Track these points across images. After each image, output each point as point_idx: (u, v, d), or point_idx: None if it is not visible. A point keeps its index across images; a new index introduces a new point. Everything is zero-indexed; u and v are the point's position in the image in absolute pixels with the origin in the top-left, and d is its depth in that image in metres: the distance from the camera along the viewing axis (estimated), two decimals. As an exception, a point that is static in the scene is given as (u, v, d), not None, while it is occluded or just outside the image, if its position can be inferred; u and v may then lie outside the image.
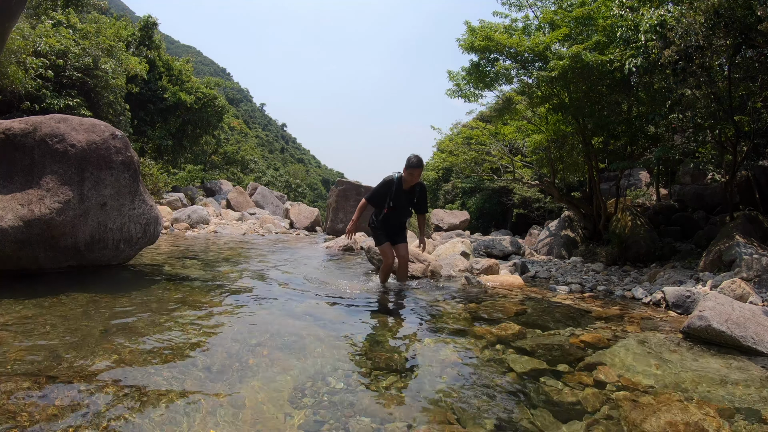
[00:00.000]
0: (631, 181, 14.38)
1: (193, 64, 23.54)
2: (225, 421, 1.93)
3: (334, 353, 2.88)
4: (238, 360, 2.60)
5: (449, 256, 7.63)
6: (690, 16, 5.88)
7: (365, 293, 4.83)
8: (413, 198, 4.93)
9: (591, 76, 7.87)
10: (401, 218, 5.02)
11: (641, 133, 8.67)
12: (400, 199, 4.84)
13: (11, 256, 4.20)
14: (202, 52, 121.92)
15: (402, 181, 4.80)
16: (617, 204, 9.65)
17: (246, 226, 13.50)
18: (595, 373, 2.83)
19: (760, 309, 3.92)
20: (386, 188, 4.83)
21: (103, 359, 2.48)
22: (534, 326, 3.89)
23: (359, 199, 13.62)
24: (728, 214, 7.59)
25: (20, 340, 2.69)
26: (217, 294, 4.30)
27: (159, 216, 5.48)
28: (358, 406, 2.15)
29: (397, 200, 4.84)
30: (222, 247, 8.53)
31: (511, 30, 9.69)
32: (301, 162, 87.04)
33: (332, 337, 3.17)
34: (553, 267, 8.28)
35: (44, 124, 4.52)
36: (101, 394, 2.07)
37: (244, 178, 31.56)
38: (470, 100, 10.56)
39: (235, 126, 45.18)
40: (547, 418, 2.19)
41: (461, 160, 13.41)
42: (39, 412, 1.89)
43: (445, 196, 26.18)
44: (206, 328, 3.18)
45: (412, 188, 4.87)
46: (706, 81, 6.47)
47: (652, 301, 5.19)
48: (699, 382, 2.77)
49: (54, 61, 11.27)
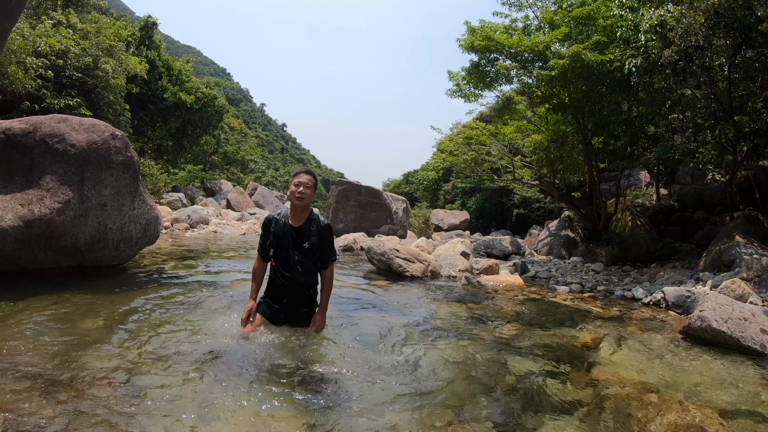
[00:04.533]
0: (631, 181, 14.39)
1: (193, 64, 23.54)
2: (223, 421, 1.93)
3: (331, 352, 2.88)
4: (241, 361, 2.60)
5: (449, 256, 7.63)
6: (690, 16, 5.88)
7: (364, 293, 4.83)
8: (304, 242, 2.96)
9: (591, 76, 7.87)
10: (294, 276, 2.97)
11: (641, 133, 8.66)
12: (284, 242, 2.96)
13: (11, 256, 4.20)
14: (202, 52, 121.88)
15: (288, 215, 3.01)
16: (617, 204, 9.65)
17: (246, 226, 13.51)
18: (595, 373, 2.83)
19: (760, 309, 3.92)
20: (265, 229, 3.08)
21: (103, 360, 2.48)
22: (534, 326, 3.89)
23: (359, 200, 13.73)
24: (728, 214, 7.59)
25: (20, 341, 2.69)
26: (218, 294, 4.30)
27: (159, 216, 5.48)
28: (356, 405, 2.15)
29: (279, 245, 2.97)
30: (222, 247, 8.53)
31: (511, 30, 9.69)
32: (301, 162, 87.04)
33: (332, 336, 3.16)
34: (553, 267, 8.28)
35: (44, 124, 4.52)
36: (100, 395, 2.07)
37: (244, 178, 31.55)
38: (470, 100, 10.57)
39: (235, 126, 45.19)
40: (547, 417, 2.19)
41: (461, 160, 13.41)
42: (39, 412, 1.89)
43: (445, 196, 26.19)
44: (206, 327, 3.18)
45: (303, 226, 2.98)
46: (706, 81, 6.47)
47: (652, 301, 5.19)
48: (699, 382, 2.77)
49: (54, 61, 11.26)
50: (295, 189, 2.90)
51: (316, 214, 3.03)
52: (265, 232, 3.04)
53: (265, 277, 3.14)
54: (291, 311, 3.03)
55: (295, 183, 2.91)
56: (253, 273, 3.13)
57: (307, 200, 2.93)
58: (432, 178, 28.35)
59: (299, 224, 2.96)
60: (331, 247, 3.06)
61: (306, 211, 2.98)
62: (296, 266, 2.95)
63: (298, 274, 2.96)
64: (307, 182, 2.91)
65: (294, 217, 2.97)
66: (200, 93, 20.94)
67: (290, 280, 2.97)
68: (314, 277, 3.07)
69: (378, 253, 6.42)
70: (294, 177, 2.95)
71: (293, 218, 2.98)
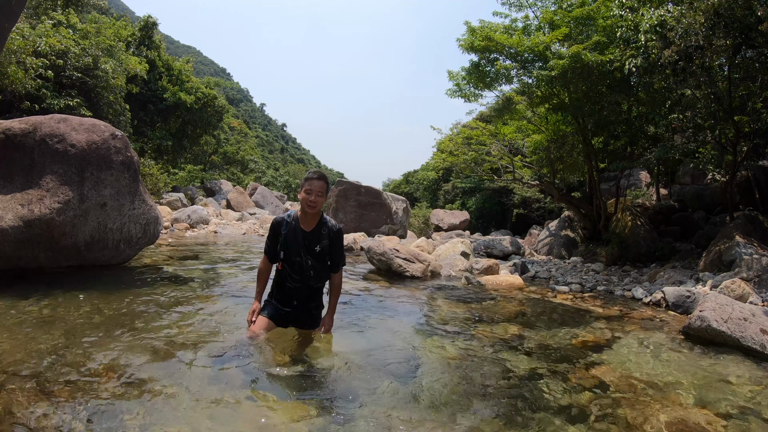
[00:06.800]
0: (631, 181, 14.38)
1: (193, 64, 23.55)
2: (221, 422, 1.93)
3: (333, 352, 2.88)
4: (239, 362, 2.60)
5: (449, 256, 7.63)
6: (690, 16, 5.88)
7: (365, 293, 4.83)
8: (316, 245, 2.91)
9: (591, 76, 7.87)
10: (305, 281, 2.92)
11: (641, 133, 8.66)
12: (294, 247, 2.90)
13: (11, 256, 4.20)
14: (202, 52, 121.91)
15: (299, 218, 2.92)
16: (617, 204, 9.65)
17: (246, 226, 13.51)
18: (596, 373, 2.83)
19: (760, 309, 3.92)
20: (274, 232, 3.00)
21: (102, 359, 2.48)
22: (534, 326, 3.89)
23: (359, 200, 13.73)
24: (728, 214, 7.59)
25: (20, 341, 2.69)
26: (217, 294, 4.30)
27: (159, 216, 5.48)
28: (357, 405, 2.15)
29: (290, 249, 2.91)
30: (222, 247, 8.52)
31: (511, 30, 9.69)
32: (301, 162, 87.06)
33: (332, 337, 3.16)
34: (553, 267, 8.29)
35: (44, 124, 4.52)
36: (99, 394, 2.07)
37: (244, 178, 31.55)
38: (470, 100, 10.57)
39: (235, 126, 45.19)
40: (547, 417, 2.19)
41: (461, 160, 13.42)
42: (37, 413, 1.89)
43: (445, 196, 26.19)
44: (207, 327, 3.18)
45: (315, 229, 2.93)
46: (706, 81, 6.47)
47: (652, 301, 5.19)
48: (699, 381, 2.77)
49: (54, 61, 11.27)
50: (306, 196, 2.77)
51: (327, 218, 2.97)
52: (274, 234, 2.96)
53: (269, 277, 3.10)
54: (299, 312, 2.98)
55: (307, 189, 2.77)
56: (258, 273, 3.07)
57: (319, 207, 2.84)
58: (432, 178, 28.34)
59: (310, 228, 2.89)
60: (341, 251, 3.02)
61: (317, 216, 2.91)
62: (309, 271, 2.88)
63: (309, 279, 2.90)
64: (318, 189, 2.77)
65: (305, 222, 2.90)
66: (200, 93, 20.94)
67: (301, 283, 2.90)
68: (324, 281, 3.04)
69: (378, 253, 6.42)
70: (305, 182, 2.79)
71: (304, 222, 2.89)
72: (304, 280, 2.90)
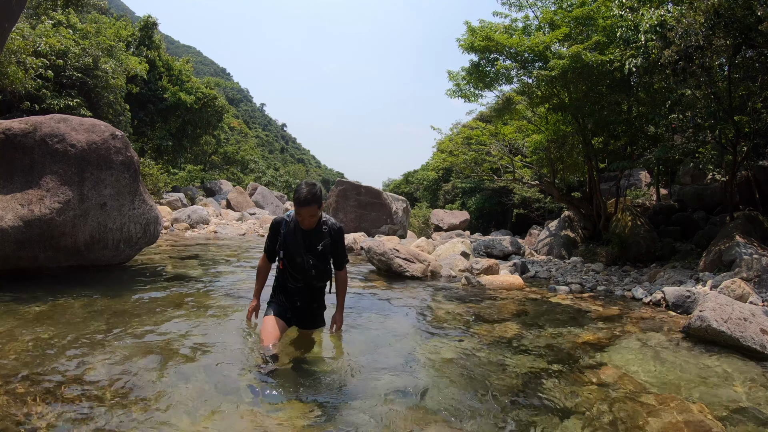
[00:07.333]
0: (631, 181, 14.38)
1: (193, 64, 23.57)
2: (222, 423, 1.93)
3: (334, 353, 2.88)
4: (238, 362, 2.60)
5: (449, 256, 7.63)
6: (690, 16, 5.88)
7: (364, 293, 4.82)
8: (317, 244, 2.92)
9: (591, 76, 7.86)
10: (307, 281, 2.95)
11: (641, 133, 8.66)
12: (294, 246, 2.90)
13: (11, 256, 4.20)
14: (202, 52, 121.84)
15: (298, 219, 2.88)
16: (617, 204, 9.65)
17: (246, 226, 13.51)
18: (596, 373, 2.83)
19: (760, 309, 3.92)
20: (273, 231, 3.03)
21: (102, 359, 2.48)
22: (534, 326, 3.89)
23: (359, 200, 13.73)
24: (728, 214, 7.59)
25: (20, 341, 2.69)
26: (217, 295, 4.30)
27: (159, 216, 5.49)
28: (357, 405, 2.15)
29: (290, 249, 2.91)
30: (222, 247, 8.52)
31: (511, 30, 9.69)
32: (301, 162, 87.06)
33: (330, 335, 3.16)
34: (553, 267, 8.28)
35: (44, 124, 4.52)
36: (98, 394, 2.07)
37: (244, 178, 31.57)
38: (470, 100, 10.56)
39: (235, 126, 45.23)
40: (547, 417, 2.19)
41: (461, 160, 13.41)
42: (35, 414, 1.89)
43: (445, 196, 26.18)
44: (207, 327, 3.18)
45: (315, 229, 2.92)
46: (706, 81, 6.47)
47: (652, 301, 5.19)
48: (699, 382, 2.77)
49: (54, 61, 11.26)
50: (300, 219, 2.80)
51: (326, 217, 2.98)
52: (274, 233, 2.98)
53: (269, 276, 3.12)
54: (302, 312, 3.00)
55: (297, 213, 2.78)
56: (257, 271, 3.10)
57: (315, 222, 2.84)
58: (432, 178, 28.33)
59: (310, 228, 2.88)
60: (344, 249, 3.05)
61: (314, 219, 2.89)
62: (311, 270, 2.88)
63: (311, 278, 2.91)
64: (309, 213, 2.75)
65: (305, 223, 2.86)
66: (200, 93, 20.94)
67: (303, 283, 2.92)
68: (326, 280, 3.04)
69: (378, 253, 6.42)
70: (295, 207, 2.77)
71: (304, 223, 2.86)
72: (306, 279, 2.91)
